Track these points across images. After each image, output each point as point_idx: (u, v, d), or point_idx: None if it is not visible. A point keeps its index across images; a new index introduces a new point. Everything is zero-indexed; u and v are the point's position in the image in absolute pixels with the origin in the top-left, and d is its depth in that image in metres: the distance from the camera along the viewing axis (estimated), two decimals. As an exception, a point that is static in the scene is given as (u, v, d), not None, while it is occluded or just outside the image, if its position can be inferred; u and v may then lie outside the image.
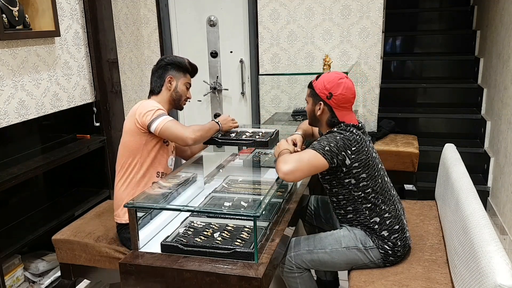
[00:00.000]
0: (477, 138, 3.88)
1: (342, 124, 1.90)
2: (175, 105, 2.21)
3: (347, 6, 3.37)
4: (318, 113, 1.94)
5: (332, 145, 1.80)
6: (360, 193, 1.90)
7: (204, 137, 2.11)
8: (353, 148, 1.83)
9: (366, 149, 1.88)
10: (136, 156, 2.07)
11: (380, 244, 1.91)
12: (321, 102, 1.92)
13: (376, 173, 1.92)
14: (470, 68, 4.22)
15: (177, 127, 2.00)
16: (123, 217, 2.08)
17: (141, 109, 2.02)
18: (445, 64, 4.45)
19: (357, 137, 1.86)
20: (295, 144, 2.10)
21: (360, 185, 1.88)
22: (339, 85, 1.88)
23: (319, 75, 1.97)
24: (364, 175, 1.87)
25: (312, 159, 1.78)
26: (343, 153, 1.81)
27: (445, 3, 4.95)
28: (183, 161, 2.52)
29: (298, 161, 1.77)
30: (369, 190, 1.89)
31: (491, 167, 3.42)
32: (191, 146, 2.46)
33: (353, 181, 1.87)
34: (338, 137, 1.83)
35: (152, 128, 2.00)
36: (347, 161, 1.82)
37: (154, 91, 2.17)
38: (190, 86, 2.24)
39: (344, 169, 1.84)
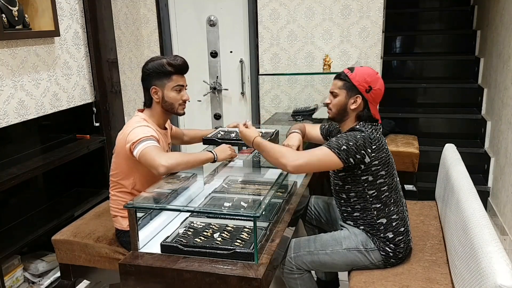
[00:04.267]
0: (477, 138, 3.87)
1: (364, 123, 1.88)
2: (171, 113, 2.07)
3: (347, 6, 3.37)
4: (353, 106, 1.88)
5: (351, 143, 1.78)
6: (373, 191, 1.88)
7: (184, 166, 1.88)
8: (373, 147, 1.81)
9: (385, 147, 1.88)
10: (132, 176, 2.02)
11: (382, 246, 1.91)
12: (359, 95, 1.87)
13: (393, 171, 1.92)
14: (470, 68, 4.22)
15: (152, 154, 1.81)
16: (123, 223, 2.07)
17: (131, 137, 1.90)
18: (445, 64, 4.45)
19: (377, 135, 1.86)
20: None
21: (377, 182, 1.87)
22: (377, 79, 1.88)
23: (351, 68, 1.91)
24: (383, 172, 1.86)
25: (324, 158, 1.77)
26: (362, 151, 1.79)
27: (445, 3, 4.94)
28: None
29: (308, 157, 1.77)
30: (385, 187, 1.88)
31: (492, 167, 3.42)
32: (189, 137, 2.43)
33: (370, 178, 1.86)
34: (358, 136, 1.81)
35: (134, 154, 1.88)
36: (367, 159, 1.81)
37: (146, 104, 2.06)
38: (183, 86, 2.04)
39: (362, 166, 1.83)
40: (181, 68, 2.01)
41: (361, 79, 1.86)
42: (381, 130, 1.92)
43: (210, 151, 2.01)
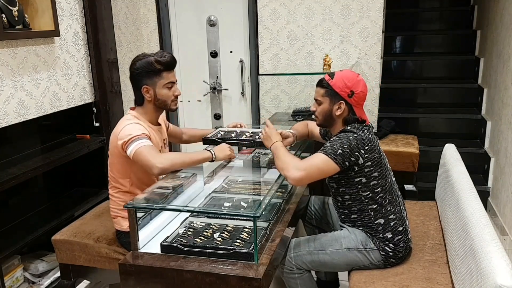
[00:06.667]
0: (477, 138, 3.87)
1: (355, 124, 1.88)
2: (165, 110, 2.08)
3: (347, 6, 3.37)
4: (338, 112, 1.89)
5: (345, 146, 1.78)
6: (368, 193, 1.88)
7: (180, 167, 1.91)
8: (366, 147, 1.82)
9: (378, 147, 1.88)
10: (129, 175, 2.02)
11: (381, 246, 1.91)
12: (342, 101, 1.88)
13: (387, 172, 1.92)
14: (470, 68, 4.22)
15: (147, 154, 1.81)
16: (123, 224, 2.07)
17: (122, 134, 1.90)
18: (445, 64, 4.45)
19: (370, 136, 1.86)
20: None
21: (370, 184, 1.87)
22: (359, 82, 1.87)
23: (331, 73, 1.92)
24: (376, 174, 1.86)
25: (323, 165, 1.77)
26: (356, 153, 1.79)
27: (445, 3, 4.95)
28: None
29: (309, 168, 1.76)
30: (378, 189, 1.88)
31: (492, 167, 3.42)
32: (188, 136, 2.43)
33: (363, 179, 1.86)
34: (351, 138, 1.81)
35: (128, 154, 1.87)
36: (360, 160, 1.81)
37: (137, 102, 2.04)
38: (174, 83, 2.02)
39: (356, 168, 1.83)
40: (170, 64, 1.99)
41: (342, 84, 1.86)
42: (373, 130, 1.92)
43: (209, 150, 2.01)
